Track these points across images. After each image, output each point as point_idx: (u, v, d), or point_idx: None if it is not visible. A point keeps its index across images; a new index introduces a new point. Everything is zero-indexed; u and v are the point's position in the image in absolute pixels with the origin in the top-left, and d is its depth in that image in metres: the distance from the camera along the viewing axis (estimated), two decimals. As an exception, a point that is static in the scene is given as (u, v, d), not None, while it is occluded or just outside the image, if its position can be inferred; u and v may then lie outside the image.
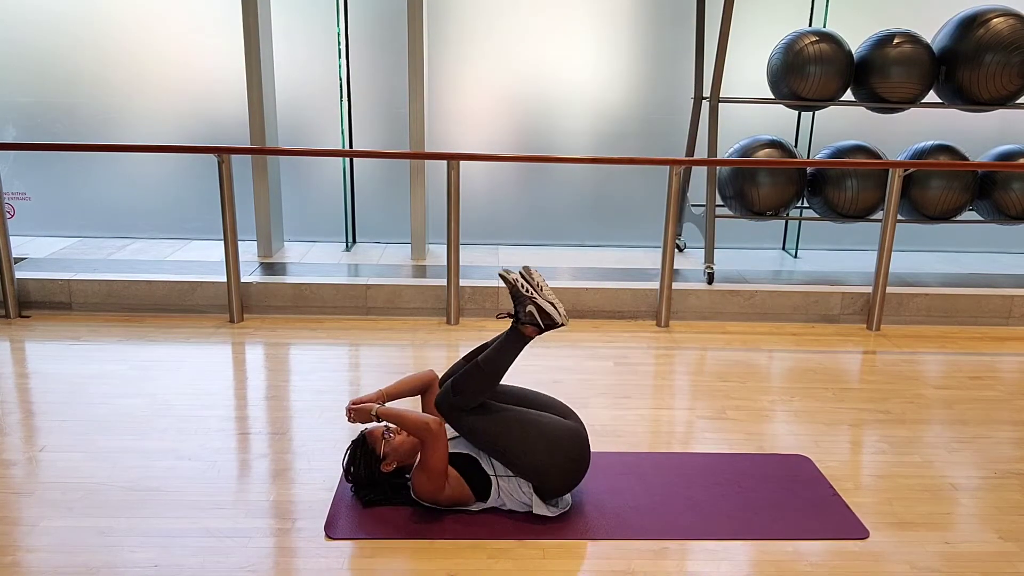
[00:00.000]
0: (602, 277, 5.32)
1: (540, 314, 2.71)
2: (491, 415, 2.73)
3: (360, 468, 2.81)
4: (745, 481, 3.08)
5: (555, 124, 6.22)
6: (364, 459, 2.81)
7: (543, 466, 2.71)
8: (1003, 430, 3.64)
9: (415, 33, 5.36)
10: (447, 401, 2.74)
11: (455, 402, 2.72)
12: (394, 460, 2.80)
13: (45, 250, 5.68)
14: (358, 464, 2.81)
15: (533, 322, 2.72)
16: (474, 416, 2.73)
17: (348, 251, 5.95)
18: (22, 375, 4.01)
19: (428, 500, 2.75)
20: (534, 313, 2.71)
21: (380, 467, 2.80)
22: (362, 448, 2.82)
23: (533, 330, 2.74)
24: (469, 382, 2.72)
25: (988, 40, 5.14)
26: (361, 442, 2.84)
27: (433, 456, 2.65)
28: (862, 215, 5.54)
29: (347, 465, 2.84)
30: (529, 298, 2.71)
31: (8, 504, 2.81)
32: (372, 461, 2.80)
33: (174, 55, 5.93)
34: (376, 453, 2.80)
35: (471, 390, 2.71)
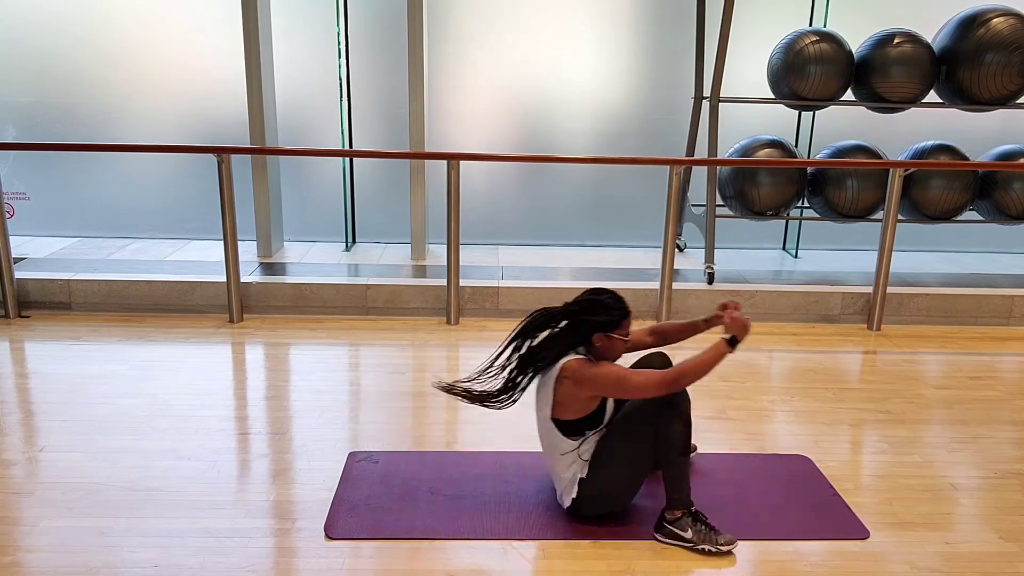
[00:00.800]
0: (602, 277, 5.31)
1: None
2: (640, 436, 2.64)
3: (604, 308, 2.65)
4: (745, 481, 3.08)
5: (555, 124, 6.22)
6: (613, 312, 2.64)
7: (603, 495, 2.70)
8: (1003, 430, 3.64)
9: (415, 33, 5.36)
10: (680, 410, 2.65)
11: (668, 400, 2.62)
12: (604, 345, 2.65)
13: (45, 250, 5.68)
14: (608, 306, 2.65)
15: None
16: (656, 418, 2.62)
17: (348, 251, 5.95)
18: (22, 375, 4.01)
19: (571, 375, 2.60)
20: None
21: (602, 331, 2.63)
22: (621, 311, 2.66)
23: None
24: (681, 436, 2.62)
25: (988, 40, 5.13)
26: (625, 309, 2.67)
27: (635, 385, 2.56)
28: (862, 215, 5.54)
29: (602, 293, 2.70)
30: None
31: (8, 504, 2.81)
32: (612, 323, 2.63)
33: (174, 55, 5.93)
34: (616, 324, 2.64)
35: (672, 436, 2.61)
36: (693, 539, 2.63)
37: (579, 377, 2.60)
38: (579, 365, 2.61)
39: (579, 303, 2.69)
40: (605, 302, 2.67)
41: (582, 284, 5.07)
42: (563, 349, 2.67)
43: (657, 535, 2.70)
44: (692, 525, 2.64)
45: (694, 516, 2.66)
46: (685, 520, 2.65)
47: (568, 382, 2.62)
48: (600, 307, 2.66)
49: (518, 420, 3.59)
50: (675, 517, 2.66)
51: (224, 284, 4.88)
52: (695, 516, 2.66)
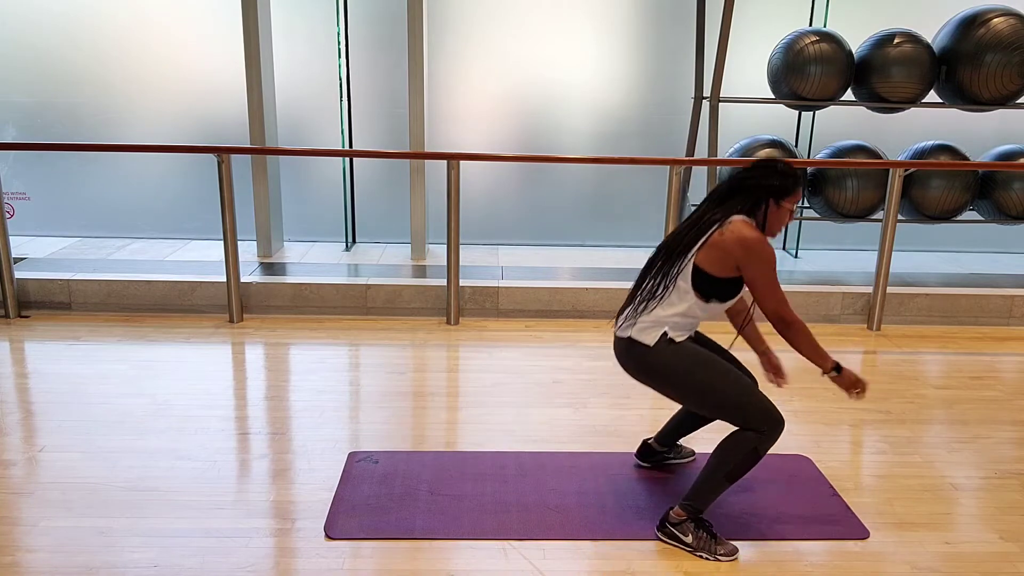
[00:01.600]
0: (602, 277, 5.31)
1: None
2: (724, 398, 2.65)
3: (783, 175, 2.58)
4: (745, 481, 3.07)
5: (555, 124, 6.22)
6: (790, 180, 2.57)
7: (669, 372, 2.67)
8: (1004, 430, 3.64)
9: (415, 33, 5.36)
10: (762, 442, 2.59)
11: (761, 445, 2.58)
12: (773, 213, 2.59)
13: (45, 250, 5.68)
14: (786, 174, 2.58)
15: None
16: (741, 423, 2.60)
17: (348, 251, 5.95)
18: (22, 375, 4.01)
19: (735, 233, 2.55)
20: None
21: (775, 197, 2.57)
22: (796, 179, 2.58)
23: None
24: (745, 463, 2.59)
25: (988, 40, 5.13)
26: (799, 179, 2.60)
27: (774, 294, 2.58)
28: (862, 215, 5.54)
29: (777, 162, 2.62)
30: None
31: (8, 504, 2.81)
32: (785, 190, 2.57)
33: (174, 55, 5.93)
34: (789, 192, 2.57)
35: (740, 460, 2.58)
36: (692, 544, 2.62)
37: (740, 236, 2.53)
38: (746, 226, 2.56)
39: (752, 169, 2.63)
40: (779, 167, 2.61)
41: (582, 284, 5.09)
42: (731, 210, 2.61)
43: (658, 533, 2.69)
44: (694, 531, 2.64)
45: (698, 522, 2.65)
46: (688, 525, 2.65)
47: (731, 236, 2.54)
48: (773, 172, 2.60)
49: (518, 420, 3.60)
50: (680, 519, 2.66)
51: (224, 284, 4.88)
52: (699, 522, 2.65)
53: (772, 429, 2.57)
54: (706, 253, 2.59)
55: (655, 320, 2.66)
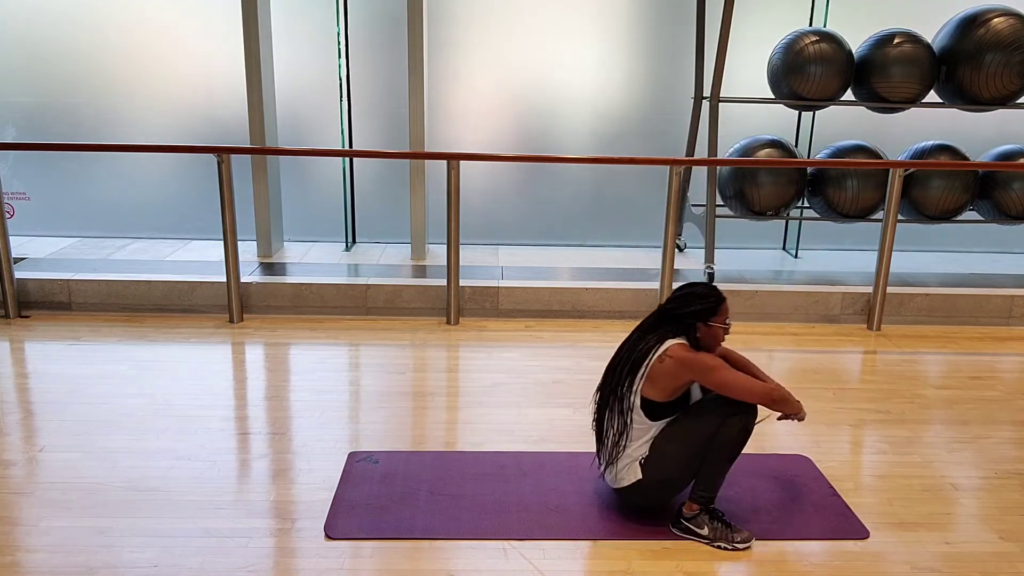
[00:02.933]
0: (602, 277, 5.31)
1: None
2: (703, 426, 2.66)
3: (701, 297, 2.68)
4: (745, 481, 3.08)
5: (555, 124, 6.22)
6: (710, 300, 2.68)
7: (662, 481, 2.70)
8: (1003, 430, 3.64)
9: (415, 33, 5.36)
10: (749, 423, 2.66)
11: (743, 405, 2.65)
12: (704, 334, 2.69)
13: (45, 250, 5.68)
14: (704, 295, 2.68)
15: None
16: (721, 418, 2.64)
17: (348, 251, 5.95)
18: (22, 375, 4.01)
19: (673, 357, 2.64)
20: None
21: (702, 320, 2.67)
22: (717, 299, 2.69)
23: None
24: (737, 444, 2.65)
25: (988, 40, 5.13)
26: (720, 296, 2.71)
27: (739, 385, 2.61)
28: (862, 215, 5.54)
29: (695, 286, 2.72)
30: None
31: (8, 504, 2.81)
32: (708, 311, 2.67)
33: (174, 55, 5.93)
34: (715, 312, 2.68)
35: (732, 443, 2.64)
36: (709, 536, 2.66)
37: (681, 359, 2.64)
38: (681, 348, 2.66)
39: (672, 300, 2.75)
40: (698, 292, 2.72)
41: (582, 284, 5.09)
42: (663, 337, 2.70)
43: (673, 529, 2.72)
44: (709, 522, 2.67)
45: (711, 513, 2.69)
46: (702, 517, 2.68)
47: (670, 362, 2.64)
48: (694, 298, 2.71)
49: (518, 420, 3.60)
50: (693, 513, 2.68)
51: (224, 284, 4.88)
52: (712, 513, 2.69)
53: (748, 408, 2.65)
54: (650, 385, 2.67)
55: (629, 459, 2.73)
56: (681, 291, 2.76)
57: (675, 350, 2.66)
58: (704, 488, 2.67)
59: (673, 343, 2.68)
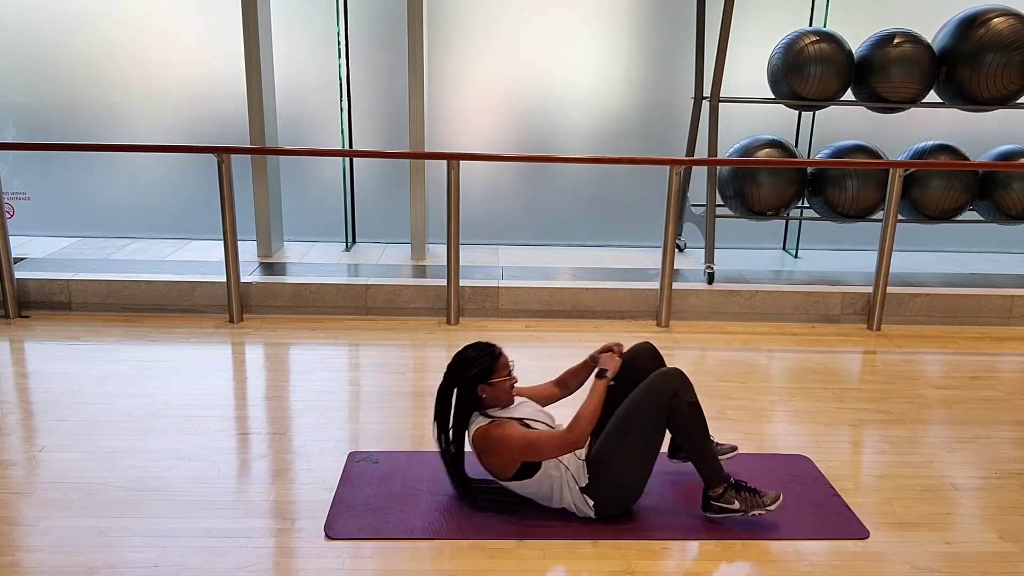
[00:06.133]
0: (602, 277, 5.31)
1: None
2: (657, 425, 2.69)
3: (471, 363, 2.73)
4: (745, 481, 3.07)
5: (555, 124, 6.22)
6: (481, 363, 2.72)
7: (620, 487, 2.73)
8: (1003, 430, 3.64)
9: (415, 33, 5.36)
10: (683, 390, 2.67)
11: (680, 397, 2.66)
12: (490, 394, 2.74)
13: (45, 250, 5.68)
14: (473, 360, 2.73)
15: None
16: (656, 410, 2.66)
17: (348, 251, 5.95)
18: (22, 375, 4.01)
19: (481, 443, 2.70)
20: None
21: (481, 383, 2.72)
22: (489, 356, 2.74)
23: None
24: (696, 418, 2.70)
25: (988, 40, 5.13)
26: (493, 353, 2.75)
27: (544, 450, 2.64)
28: (862, 215, 5.54)
29: (466, 351, 2.76)
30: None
31: (8, 504, 2.81)
32: (484, 372, 2.72)
33: (174, 55, 5.93)
34: (491, 371, 2.72)
35: (689, 420, 2.69)
36: (742, 508, 2.70)
37: (488, 449, 2.71)
38: (484, 436, 2.71)
39: (448, 372, 2.79)
40: (468, 356, 2.77)
41: (582, 284, 5.09)
42: (464, 417, 2.77)
43: (707, 514, 2.75)
44: (737, 496, 2.70)
45: (735, 487, 2.72)
46: (729, 493, 2.71)
47: (483, 455, 2.73)
48: (466, 363, 2.75)
49: (518, 420, 3.59)
50: (718, 494, 2.72)
51: (224, 284, 4.88)
52: (736, 487, 2.72)
53: (675, 380, 2.68)
54: (499, 470, 2.73)
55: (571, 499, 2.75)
56: (454, 359, 2.78)
57: (478, 442, 2.72)
58: (710, 472, 2.71)
59: (475, 429, 2.72)
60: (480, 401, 2.76)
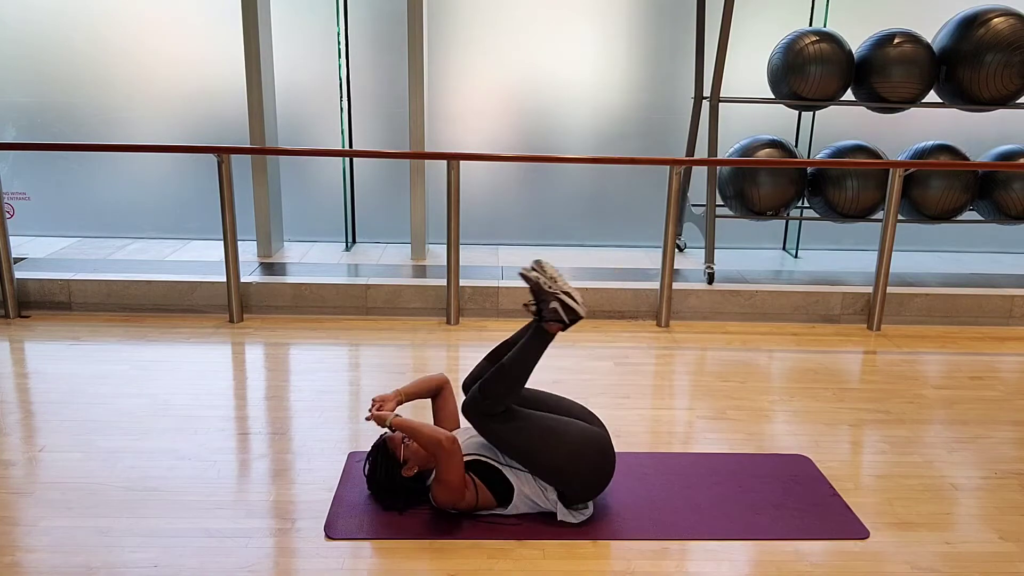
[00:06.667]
0: (602, 277, 5.31)
1: (564, 310, 2.67)
2: (516, 421, 2.69)
3: (381, 473, 2.78)
4: (745, 481, 3.08)
5: (555, 124, 6.22)
6: (384, 464, 2.77)
7: (566, 473, 2.68)
8: (1003, 430, 3.64)
9: (415, 33, 5.36)
10: (476, 407, 2.69)
11: (484, 407, 2.67)
12: (415, 465, 2.75)
13: (45, 250, 5.68)
14: (378, 469, 2.79)
15: (557, 319, 2.68)
16: (500, 423, 2.68)
17: (348, 251, 5.95)
18: (22, 375, 4.01)
19: (449, 507, 2.73)
20: (558, 310, 2.67)
21: (401, 472, 2.76)
22: (383, 453, 2.79)
23: (558, 327, 2.70)
24: (496, 386, 2.67)
25: (988, 40, 5.13)
26: (382, 446, 2.81)
27: (448, 471, 2.63)
28: (862, 215, 5.54)
29: (368, 471, 2.82)
30: (552, 294, 2.67)
31: (8, 504, 2.81)
32: (393, 466, 2.76)
33: (174, 55, 5.93)
34: (397, 458, 2.76)
35: (498, 393, 2.67)
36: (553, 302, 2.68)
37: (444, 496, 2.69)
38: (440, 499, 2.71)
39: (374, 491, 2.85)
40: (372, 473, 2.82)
41: (582, 284, 5.09)
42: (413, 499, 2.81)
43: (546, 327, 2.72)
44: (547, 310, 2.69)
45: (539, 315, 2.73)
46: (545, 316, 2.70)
47: (447, 503, 2.72)
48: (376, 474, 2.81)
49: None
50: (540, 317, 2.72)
51: (224, 284, 4.88)
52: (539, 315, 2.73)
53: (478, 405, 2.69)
54: (470, 509, 2.76)
55: (543, 499, 2.76)
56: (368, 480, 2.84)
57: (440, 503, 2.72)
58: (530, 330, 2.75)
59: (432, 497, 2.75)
60: (415, 476, 2.77)
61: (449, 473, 2.63)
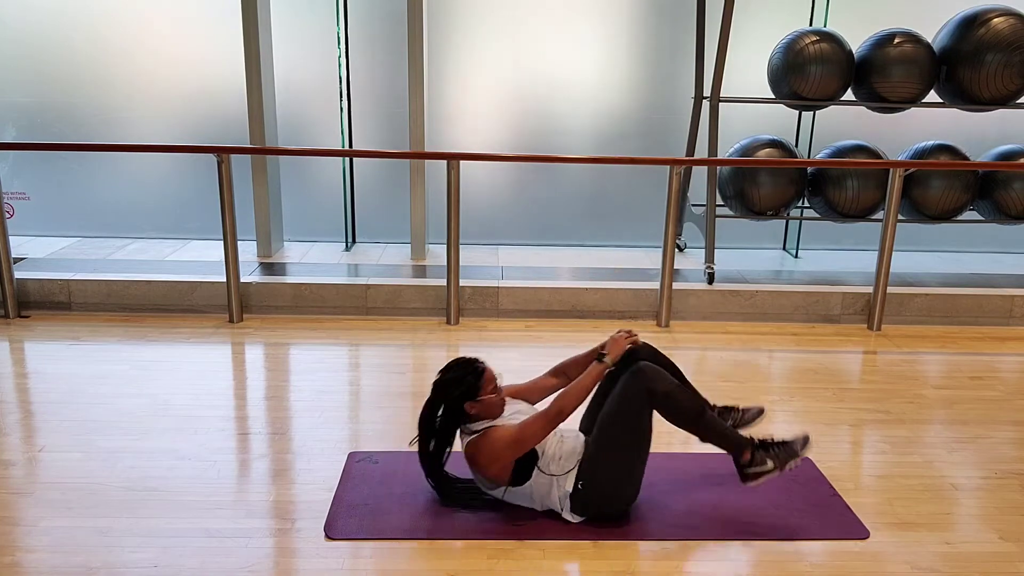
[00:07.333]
0: (602, 277, 5.31)
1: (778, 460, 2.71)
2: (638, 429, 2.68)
3: (455, 384, 2.70)
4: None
5: (555, 124, 6.22)
6: (465, 382, 2.69)
7: (603, 487, 2.69)
8: (1003, 430, 3.64)
9: (415, 33, 5.36)
10: (654, 384, 2.65)
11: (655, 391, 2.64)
12: (483, 409, 2.71)
13: (44, 250, 5.68)
14: (456, 381, 2.70)
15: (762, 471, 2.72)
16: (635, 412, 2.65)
17: (348, 251, 5.95)
18: (22, 375, 4.01)
19: (478, 460, 2.69)
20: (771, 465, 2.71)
21: (468, 400, 2.69)
22: (473, 373, 2.71)
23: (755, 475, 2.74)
24: (678, 405, 2.68)
25: (989, 40, 5.13)
26: (477, 369, 2.72)
27: (528, 436, 2.61)
28: (863, 215, 5.54)
29: (445, 375, 2.74)
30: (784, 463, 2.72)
31: (7, 504, 2.81)
32: (469, 390, 2.69)
33: (174, 55, 5.93)
34: (477, 388, 2.69)
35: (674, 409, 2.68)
36: (777, 466, 2.69)
37: (480, 459, 2.70)
38: (474, 448, 2.70)
39: (434, 391, 2.76)
40: (453, 378, 2.73)
41: (582, 284, 5.09)
42: (449, 432, 2.75)
43: (746, 483, 2.73)
44: (767, 455, 2.70)
45: (762, 447, 2.71)
46: (758, 455, 2.70)
47: (476, 467, 2.73)
48: (451, 384, 2.73)
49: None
50: (748, 459, 2.70)
51: (224, 284, 4.88)
52: (763, 446, 2.71)
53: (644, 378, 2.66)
54: (494, 481, 2.72)
55: (558, 503, 2.74)
56: (439, 379, 2.75)
57: (469, 455, 2.71)
58: (729, 444, 2.71)
59: (467, 442, 2.72)
60: (469, 417, 2.73)
61: (531, 431, 2.62)
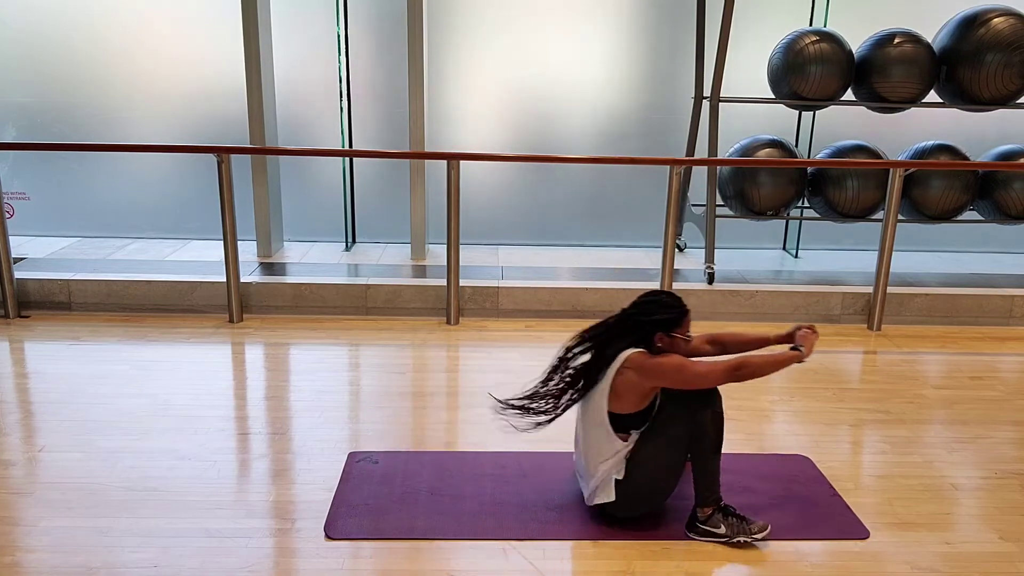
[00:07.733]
0: (602, 277, 5.31)
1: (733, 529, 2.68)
2: (676, 437, 2.64)
3: (663, 306, 2.65)
4: (745, 481, 3.08)
5: (555, 124, 6.22)
6: (674, 310, 2.65)
7: (639, 487, 2.67)
8: (1003, 430, 3.64)
9: (415, 33, 5.36)
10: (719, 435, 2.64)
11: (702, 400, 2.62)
12: (666, 344, 2.64)
13: (44, 250, 5.68)
14: (667, 305, 2.65)
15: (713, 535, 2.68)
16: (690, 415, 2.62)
17: (348, 251, 5.95)
18: (22, 375, 4.01)
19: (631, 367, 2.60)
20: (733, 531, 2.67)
21: (664, 331, 2.63)
22: (681, 309, 2.66)
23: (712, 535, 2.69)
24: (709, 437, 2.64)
25: (989, 40, 5.13)
26: (684, 308, 2.68)
27: (705, 371, 2.56)
28: (863, 215, 5.54)
29: (659, 294, 2.72)
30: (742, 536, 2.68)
31: (7, 504, 2.81)
32: (673, 321, 2.64)
33: (174, 55, 5.93)
34: (678, 323, 2.64)
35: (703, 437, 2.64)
36: (727, 534, 2.66)
37: (643, 367, 2.60)
38: (641, 356, 2.62)
39: (636, 305, 2.71)
40: (664, 301, 2.70)
41: (582, 284, 5.09)
42: (622, 347, 2.66)
43: (691, 534, 2.71)
44: (724, 520, 2.67)
45: (724, 511, 2.68)
46: (716, 516, 2.67)
47: (631, 372, 2.61)
48: (658, 306, 2.68)
49: (518, 420, 3.59)
50: (707, 515, 2.68)
51: (224, 284, 4.88)
52: (725, 511, 2.68)
53: (709, 395, 2.64)
54: (616, 401, 2.64)
55: (601, 479, 2.71)
56: (646, 298, 2.72)
57: (634, 359, 2.62)
58: (707, 490, 2.67)
59: (630, 353, 2.63)
60: (651, 346, 2.66)
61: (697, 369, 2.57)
